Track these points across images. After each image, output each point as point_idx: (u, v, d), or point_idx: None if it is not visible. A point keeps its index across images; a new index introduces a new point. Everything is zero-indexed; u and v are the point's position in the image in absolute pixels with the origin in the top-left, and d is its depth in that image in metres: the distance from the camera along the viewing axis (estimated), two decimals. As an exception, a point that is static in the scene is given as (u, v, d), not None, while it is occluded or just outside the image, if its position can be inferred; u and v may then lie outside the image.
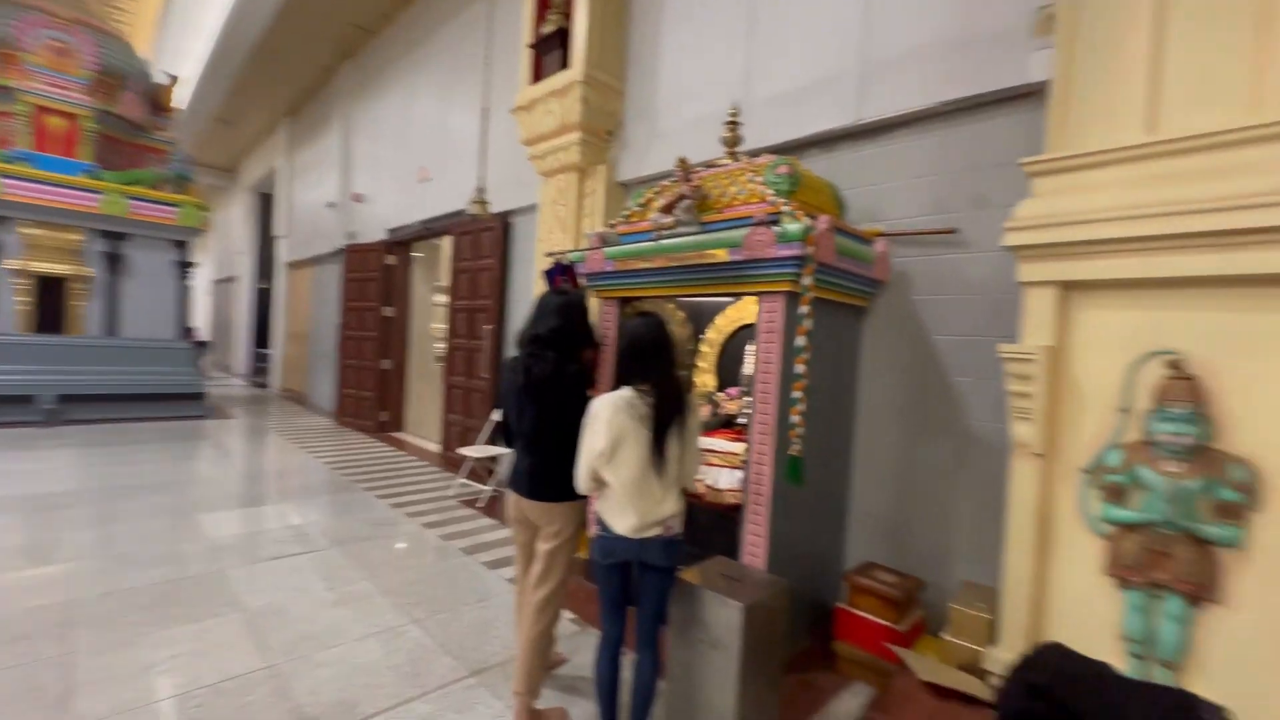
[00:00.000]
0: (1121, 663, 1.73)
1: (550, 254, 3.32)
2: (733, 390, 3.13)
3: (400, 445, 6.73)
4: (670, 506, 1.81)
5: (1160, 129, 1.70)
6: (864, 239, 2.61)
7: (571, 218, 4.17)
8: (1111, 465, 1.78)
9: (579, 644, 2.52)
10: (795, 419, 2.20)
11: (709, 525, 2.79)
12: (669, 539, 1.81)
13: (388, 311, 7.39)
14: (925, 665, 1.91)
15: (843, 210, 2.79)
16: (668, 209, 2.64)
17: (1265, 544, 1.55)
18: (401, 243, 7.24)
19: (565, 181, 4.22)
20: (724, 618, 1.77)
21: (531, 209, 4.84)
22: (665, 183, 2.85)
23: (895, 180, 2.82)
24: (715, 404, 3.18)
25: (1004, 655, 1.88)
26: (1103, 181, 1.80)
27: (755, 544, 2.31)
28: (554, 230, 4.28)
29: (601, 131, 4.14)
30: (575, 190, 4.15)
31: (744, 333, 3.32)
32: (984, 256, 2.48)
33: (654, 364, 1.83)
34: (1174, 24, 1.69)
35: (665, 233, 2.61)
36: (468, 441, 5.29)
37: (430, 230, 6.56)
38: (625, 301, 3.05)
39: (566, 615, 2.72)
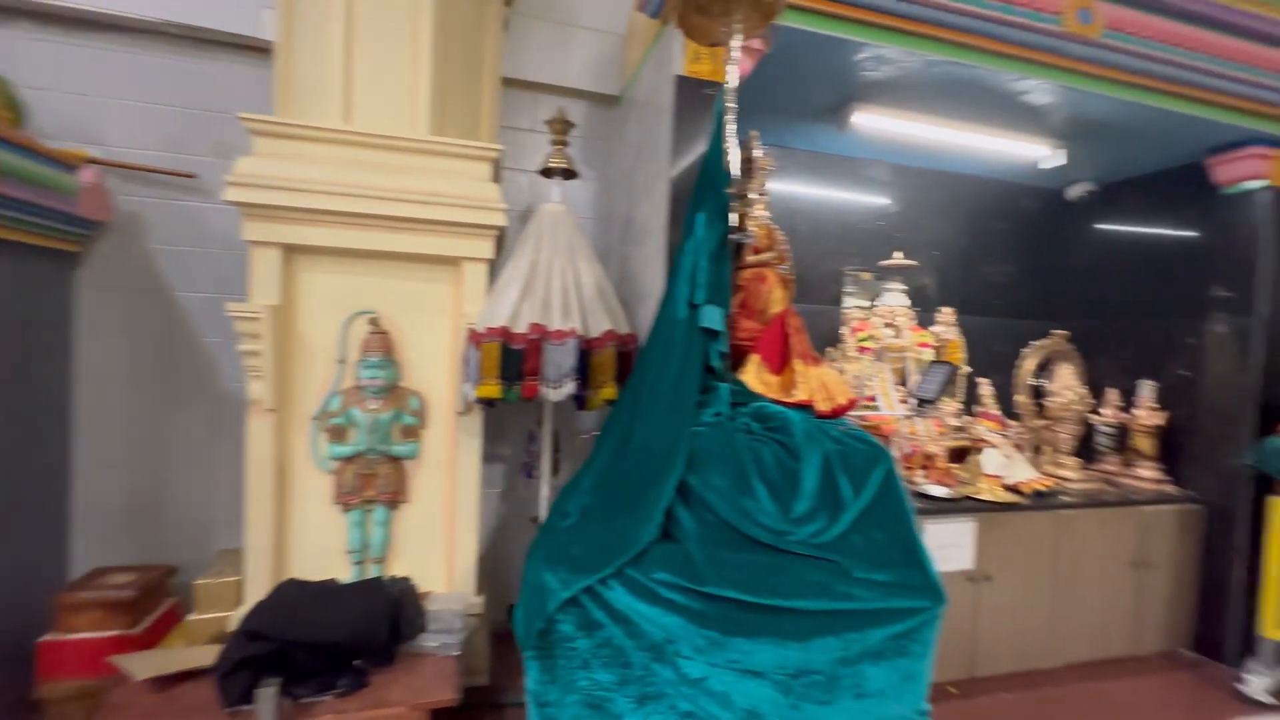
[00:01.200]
0: (347, 573, 2.06)
1: None
2: None
3: None
4: None
5: (353, 120, 2.00)
6: (61, 162, 2.00)
7: None
8: (333, 410, 2.05)
9: None
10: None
11: None
12: None
13: None
14: (146, 662, 1.70)
15: (20, 116, 2.05)
16: None
17: (429, 452, 2.14)
18: None
19: None
20: None
21: None
22: None
23: (119, 98, 2.29)
24: None
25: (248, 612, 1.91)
26: (316, 155, 1.97)
27: None
28: None
29: None
30: None
31: None
32: (229, 209, 2.35)
33: None
34: (358, 32, 1.99)
35: None
36: None
37: None
38: None
39: None
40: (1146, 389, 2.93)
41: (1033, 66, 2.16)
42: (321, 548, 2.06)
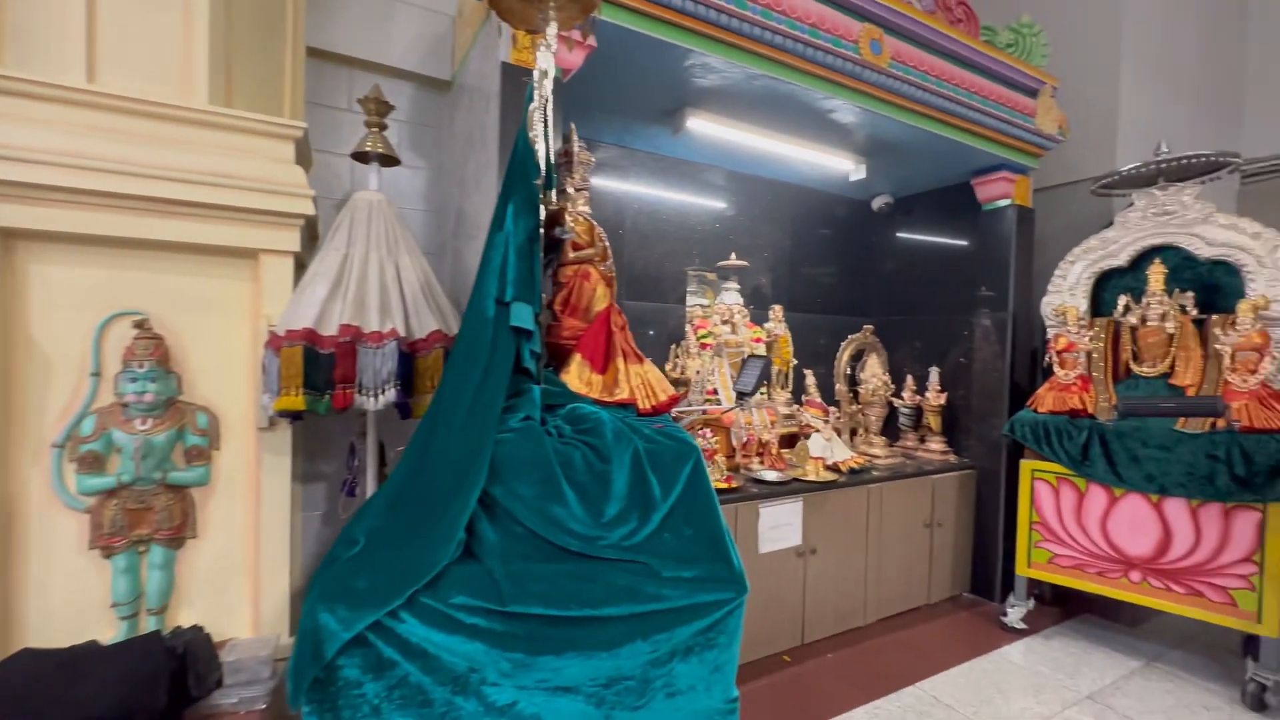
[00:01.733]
0: (112, 631, 1.70)
1: None
2: None
3: None
4: None
5: (99, 81, 1.64)
6: None
7: None
8: (85, 434, 1.67)
9: None
10: None
11: None
12: None
13: None
14: None
15: None
16: None
17: (224, 476, 1.83)
18: None
19: None
20: None
21: None
22: None
23: None
24: None
25: (-43, 698, 1.48)
26: (46, 118, 1.59)
27: None
28: None
29: None
30: None
31: None
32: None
33: None
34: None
35: None
36: None
37: None
38: None
39: None
40: (934, 374, 3.43)
41: (836, 88, 2.40)
42: (74, 605, 1.68)
